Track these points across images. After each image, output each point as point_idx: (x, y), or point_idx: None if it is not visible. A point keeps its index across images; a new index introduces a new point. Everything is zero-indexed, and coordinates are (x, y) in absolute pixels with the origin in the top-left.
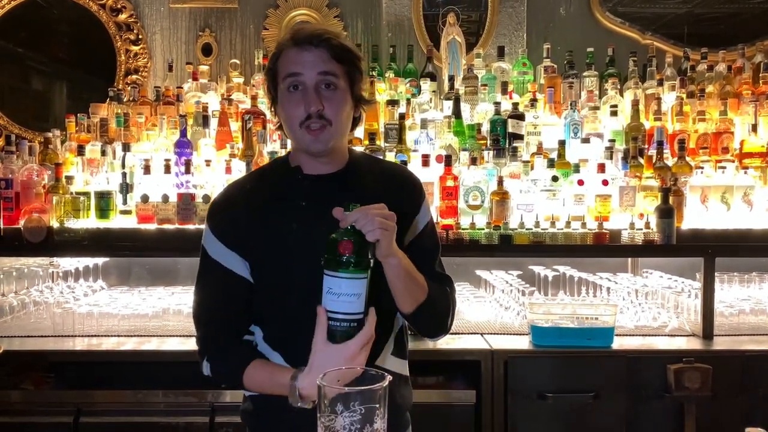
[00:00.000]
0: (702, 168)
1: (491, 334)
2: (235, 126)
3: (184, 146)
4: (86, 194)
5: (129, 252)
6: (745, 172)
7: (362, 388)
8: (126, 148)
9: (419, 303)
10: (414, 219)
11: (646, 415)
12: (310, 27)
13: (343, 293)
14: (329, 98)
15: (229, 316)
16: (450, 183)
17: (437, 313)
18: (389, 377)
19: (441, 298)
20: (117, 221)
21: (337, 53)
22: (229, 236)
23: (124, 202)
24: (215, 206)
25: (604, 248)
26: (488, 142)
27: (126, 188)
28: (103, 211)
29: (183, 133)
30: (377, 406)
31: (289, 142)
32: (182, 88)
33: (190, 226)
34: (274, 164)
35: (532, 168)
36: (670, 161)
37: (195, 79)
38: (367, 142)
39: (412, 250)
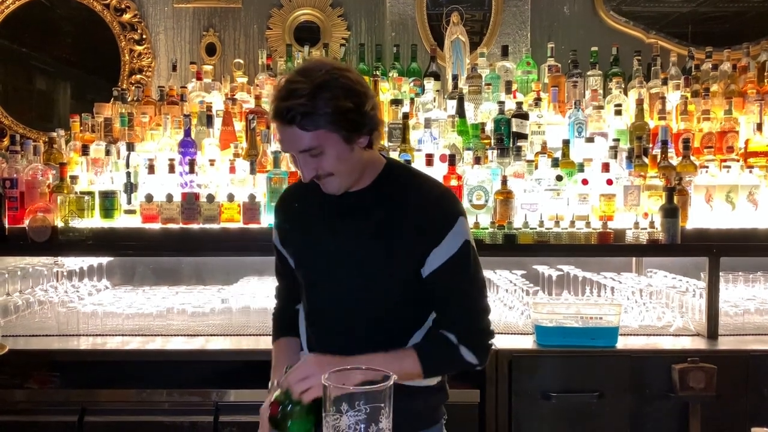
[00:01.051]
0: (707, 167)
1: (495, 333)
2: (239, 125)
3: (188, 146)
4: (90, 194)
5: (133, 251)
6: (750, 172)
7: (367, 387)
8: (130, 147)
9: (419, 377)
10: (432, 251)
11: (650, 415)
12: (285, 90)
13: None
14: (319, 162)
15: (287, 286)
16: (454, 182)
17: (441, 372)
18: (394, 376)
19: (435, 365)
20: (121, 221)
21: (312, 125)
22: (279, 228)
23: (129, 201)
24: (276, 207)
25: (608, 248)
26: (492, 141)
27: (130, 188)
28: (108, 211)
29: (187, 133)
30: (382, 405)
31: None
32: (186, 87)
33: (194, 226)
34: None
35: (536, 167)
36: (675, 160)
37: (199, 78)
38: None
39: (433, 282)
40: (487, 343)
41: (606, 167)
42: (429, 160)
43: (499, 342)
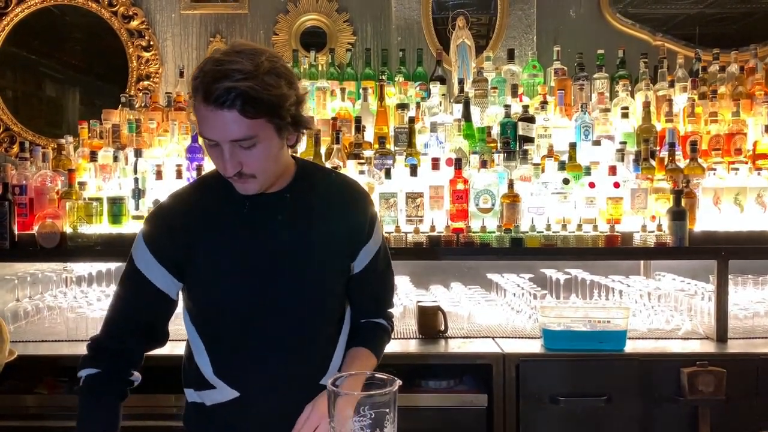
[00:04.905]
0: (714, 169)
1: (503, 337)
2: None
3: (195, 151)
4: (99, 200)
5: None
6: (759, 174)
7: (372, 392)
8: (138, 153)
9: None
10: (368, 241)
11: (659, 419)
12: (221, 71)
13: None
14: (248, 156)
15: (132, 330)
16: (460, 186)
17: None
18: (399, 381)
19: (382, 351)
20: (129, 226)
21: (252, 111)
22: (162, 251)
23: (137, 207)
24: (153, 217)
25: (615, 251)
26: (498, 145)
27: (138, 194)
28: (116, 217)
29: (194, 139)
30: (387, 410)
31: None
32: None
33: None
34: (218, 174)
35: (542, 171)
36: (682, 163)
37: None
38: (377, 146)
39: (365, 276)
40: None
41: (613, 170)
42: (435, 164)
43: (507, 346)
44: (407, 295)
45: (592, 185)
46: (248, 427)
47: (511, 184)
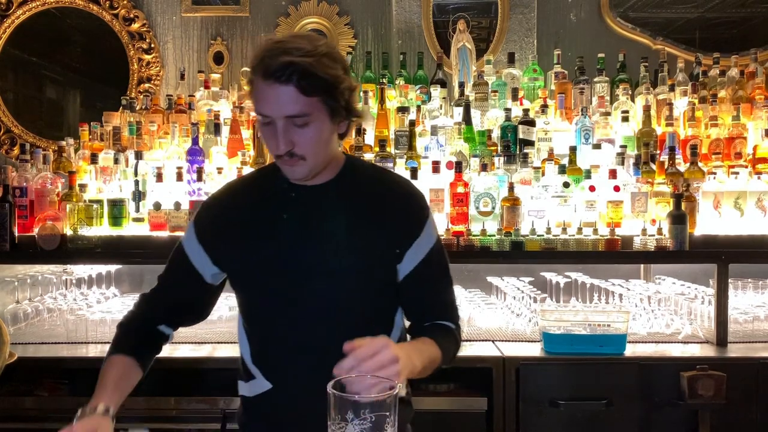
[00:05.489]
0: (715, 173)
1: (503, 341)
2: (246, 134)
3: (196, 154)
4: (99, 202)
5: (141, 259)
6: (759, 178)
7: (372, 396)
8: (138, 156)
9: (431, 372)
10: (413, 243)
11: (659, 423)
12: (282, 49)
13: None
14: (301, 135)
15: (165, 300)
16: (460, 189)
17: (446, 363)
18: (400, 385)
19: (450, 352)
20: (129, 229)
21: (309, 87)
22: (209, 241)
23: (137, 209)
24: (204, 209)
25: (616, 254)
26: (499, 148)
27: (138, 196)
28: (116, 219)
29: (195, 141)
30: (387, 414)
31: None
32: (194, 96)
33: None
34: (267, 169)
35: (543, 174)
36: (683, 167)
37: (207, 87)
38: (377, 149)
39: (414, 279)
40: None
41: (613, 174)
42: (435, 167)
43: (507, 349)
44: None
45: (592, 189)
46: (283, 422)
47: (511, 188)
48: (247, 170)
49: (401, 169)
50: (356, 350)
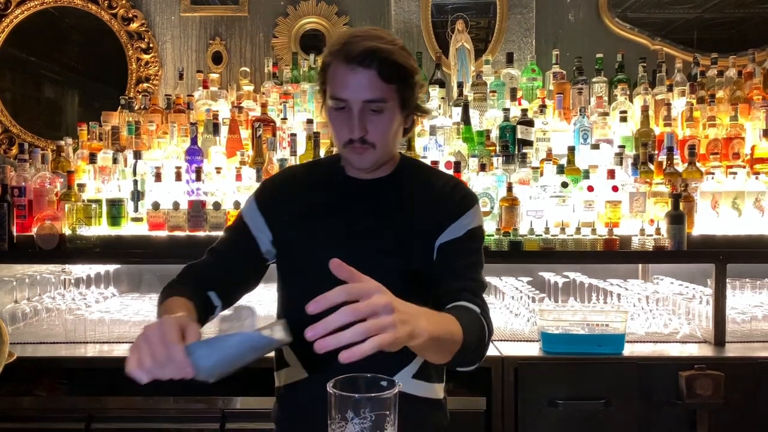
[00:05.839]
0: (713, 174)
1: (501, 340)
2: (245, 134)
3: (194, 154)
4: (98, 202)
5: (140, 259)
6: (757, 178)
7: (372, 395)
8: (137, 155)
9: (453, 355)
10: (454, 222)
11: (657, 423)
12: (364, 36)
13: None
14: (374, 122)
15: (220, 266)
16: None
17: (472, 351)
18: (400, 384)
19: (474, 335)
20: (128, 228)
21: (388, 73)
22: (270, 212)
23: (136, 209)
24: (266, 184)
25: (614, 254)
26: (497, 148)
27: (137, 196)
28: (115, 219)
29: (194, 141)
30: (387, 413)
31: (298, 149)
32: (193, 96)
33: (201, 233)
34: (328, 159)
35: (541, 174)
36: (681, 167)
37: (205, 87)
38: None
39: (444, 250)
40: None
41: (611, 174)
42: (434, 167)
43: (505, 349)
44: None
45: (590, 189)
46: (316, 412)
47: (509, 188)
48: (246, 170)
49: None
50: (349, 285)
